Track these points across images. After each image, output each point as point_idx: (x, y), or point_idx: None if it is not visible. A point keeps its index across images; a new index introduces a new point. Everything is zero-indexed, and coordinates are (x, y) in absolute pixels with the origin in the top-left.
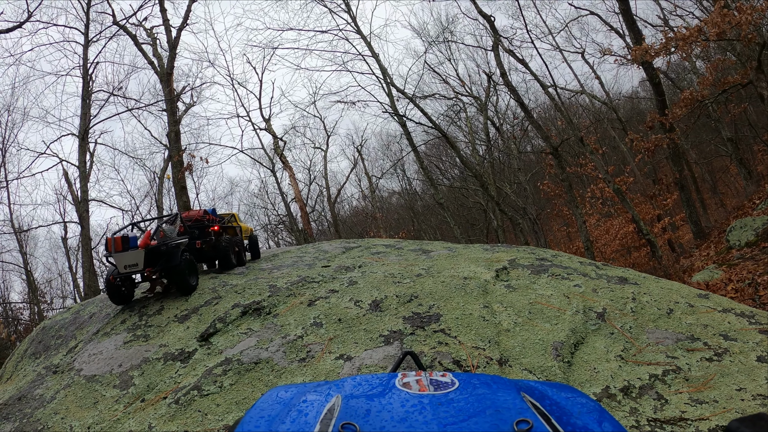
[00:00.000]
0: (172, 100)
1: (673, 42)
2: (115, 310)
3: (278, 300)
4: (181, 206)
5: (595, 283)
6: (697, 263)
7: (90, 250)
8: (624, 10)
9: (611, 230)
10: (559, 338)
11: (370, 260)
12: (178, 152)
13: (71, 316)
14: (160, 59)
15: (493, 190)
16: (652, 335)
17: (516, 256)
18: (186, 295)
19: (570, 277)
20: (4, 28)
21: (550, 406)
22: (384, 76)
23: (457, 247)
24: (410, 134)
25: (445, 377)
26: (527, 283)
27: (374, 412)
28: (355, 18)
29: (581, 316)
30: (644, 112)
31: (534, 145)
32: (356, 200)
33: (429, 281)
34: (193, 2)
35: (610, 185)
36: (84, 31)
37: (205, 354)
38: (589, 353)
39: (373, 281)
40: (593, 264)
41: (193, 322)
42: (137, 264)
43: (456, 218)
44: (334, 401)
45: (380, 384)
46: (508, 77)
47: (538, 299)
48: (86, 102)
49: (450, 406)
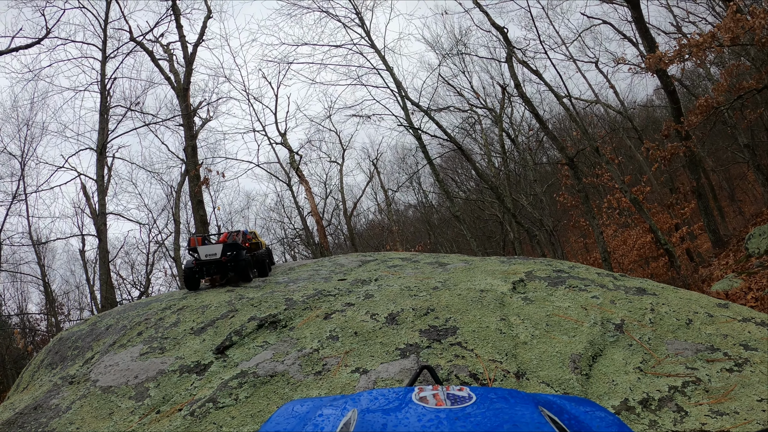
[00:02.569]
0: (188, 115)
1: (687, 48)
2: (131, 323)
3: (294, 313)
4: (198, 220)
5: (613, 294)
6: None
7: (107, 263)
8: (636, 18)
9: (629, 241)
10: (576, 350)
11: (386, 273)
12: (194, 167)
13: (88, 328)
14: (177, 75)
15: (509, 202)
16: (671, 346)
17: (533, 268)
18: (246, 283)
19: (587, 289)
20: (23, 45)
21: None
22: (399, 90)
23: (473, 260)
24: (425, 147)
25: (462, 391)
26: (544, 295)
27: (390, 427)
28: (369, 32)
29: (599, 328)
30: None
31: (549, 156)
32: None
33: (445, 294)
34: (208, 19)
35: (627, 195)
36: (101, 47)
37: (220, 366)
38: (607, 365)
39: (390, 294)
40: (611, 275)
41: (209, 335)
42: (216, 253)
43: (472, 231)
44: (350, 415)
45: (396, 398)
46: (523, 88)
47: (556, 311)
48: (104, 117)
49: (467, 420)
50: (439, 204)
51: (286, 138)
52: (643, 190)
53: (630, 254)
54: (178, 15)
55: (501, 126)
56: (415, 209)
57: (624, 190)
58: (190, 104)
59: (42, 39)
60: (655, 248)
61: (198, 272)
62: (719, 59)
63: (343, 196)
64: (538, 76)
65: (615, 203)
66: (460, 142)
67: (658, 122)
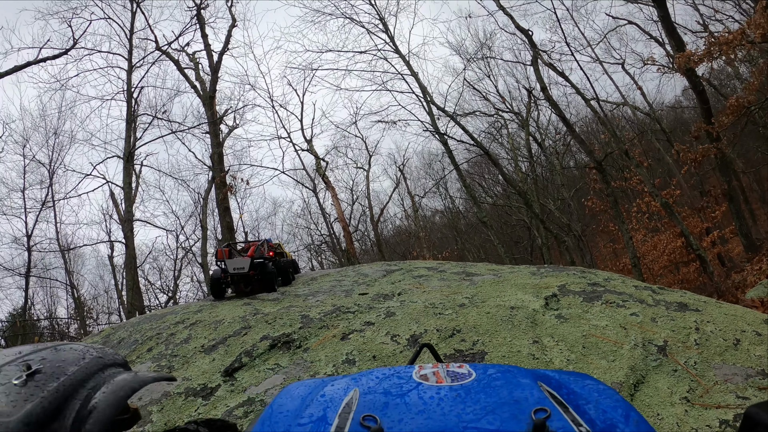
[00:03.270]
0: (214, 123)
1: (717, 47)
2: (143, 337)
3: (310, 332)
4: (225, 227)
5: (654, 310)
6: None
7: (135, 269)
8: (663, 17)
9: (659, 246)
10: (617, 378)
11: (410, 287)
12: (221, 174)
13: (101, 341)
14: (203, 83)
15: (537, 208)
16: (719, 371)
17: (566, 281)
18: (270, 293)
19: (626, 305)
20: (51, 55)
21: (568, 395)
22: (424, 95)
23: (502, 270)
24: (452, 152)
25: (462, 368)
26: (579, 312)
27: (392, 405)
28: (393, 38)
29: (640, 351)
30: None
31: (577, 159)
32: (399, 220)
33: (473, 312)
34: (233, 28)
35: (657, 199)
36: (127, 56)
37: (228, 391)
38: (651, 395)
39: (413, 312)
40: (649, 288)
41: (219, 354)
42: (244, 267)
43: (499, 236)
44: (351, 395)
45: (397, 377)
46: (549, 92)
47: (592, 331)
48: (130, 125)
49: (467, 396)
50: (466, 209)
51: (312, 144)
52: (673, 194)
53: (660, 259)
54: (202, 24)
55: (528, 130)
56: (442, 215)
57: (654, 194)
58: (216, 112)
59: (69, 49)
60: (685, 253)
61: (225, 283)
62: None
63: (370, 202)
64: (565, 78)
65: (644, 207)
66: (487, 146)
67: (687, 124)
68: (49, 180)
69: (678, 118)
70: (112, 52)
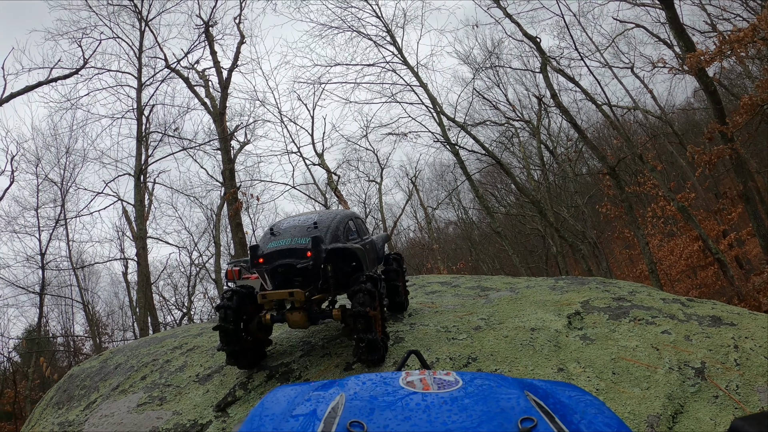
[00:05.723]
0: (225, 139)
1: (728, 45)
2: (138, 363)
3: (310, 361)
4: (237, 243)
5: (686, 327)
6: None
7: (147, 286)
8: (671, 18)
9: (675, 250)
10: (653, 409)
11: (421, 306)
12: (231, 190)
13: (98, 365)
14: (213, 100)
15: (551, 216)
16: (763, 395)
17: (588, 296)
18: None
19: (656, 321)
20: (61, 75)
21: (554, 404)
22: (434, 106)
23: (518, 284)
24: (464, 163)
25: (449, 376)
26: (606, 331)
27: (378, 411)
28: (401, 49)
29: (677, 375)
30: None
31: (590, 166)
32: (413, 232)
33: (490, 336)
34: (241, 44)
35: (673, 203)
36: (137, 75)
37: (218, 429)
38: (692, 427)
39: (423, 338)
40: (678, 300)
41: (214, 385)
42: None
43: (514, 246)
44: (338, 400)
45: (383, 383)
46: (559, 98)
47: (622, 353)
48: (141, 143)
49: (454, 404)
50: (479, 220)
51: (324, 159)
52: (687, 197)
53: (678, 264)
54: (211, 41)
55: (539, 138)
56: (456, 226)
57: (670, 198)
58: (226, 128)
59: (80, 69)
60: (702, 257)
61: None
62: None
63: (383, 215)
64: (575, 83)
65: (659, 212)
66: (498, 156)
67: (698, 125)
68: (62, 198)
69: (689, 120)
70: (121, 71)
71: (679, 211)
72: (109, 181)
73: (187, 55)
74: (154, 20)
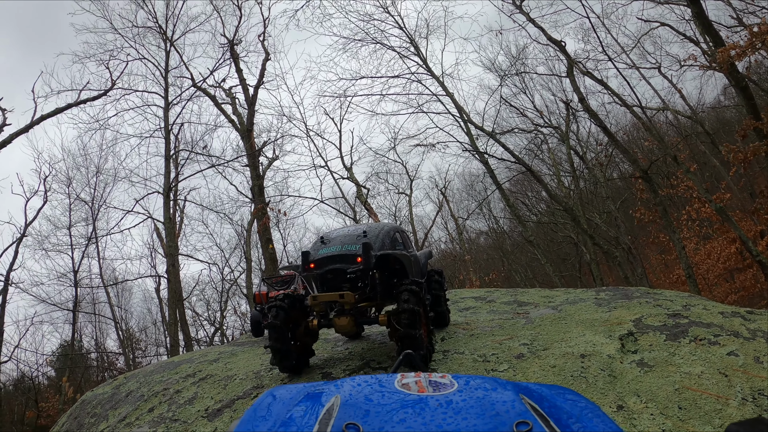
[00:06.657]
0: (253, 155)
1: (760, 37)
2: (149, 392)
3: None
4: (267, 258)
5: (754, 346)
6: None
7: (180, 303)
8: (697, 14)
9: (713, 253)
10: None
11: (455, 327)
12: (258, 206)
13: (111, 392)
14: (240, 116)
15: (584, 223)
16: None
17: (640, 312)
18: None
19: (719, 341)
20: (90, 97)
21: (549, 408)
22: (461, 115)
23: (557, 297)
24: (493, 171)
25: (444, 378)
26: (665, 355)
27: (373, 413)
28: (425, 60)
29: (751, 408)
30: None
31: (621, 170)
32: (444, 243)
33: (535, 366)
34: (266, 61)
35: (710, 204)
36: (164, 94)
37: None
38: None
39: (459, 369)
40: (737, 313)
41: (222, 422)
42: None
43: (546, 255)
44: (333, 401)
45: (379, 385)
46: (587, 102)
47: (686, 382)
48: (169, 161)
49: (449, 407)
50: (510, 229)
51: (353, 172)
52: (723, 197)
53: (715, 267)
54: (236, 59)
55: (568, 143)
56: (487, 236)
57: (707, 199)
58: (254, 144)
59: (108, 90)
60: (740, 259)
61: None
62: None
63: (414, 227)
64: (604, 85)
65: (694, 214)
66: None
67: (730, 123)
68: (93, 217)
69: (719, 119)
70: (148, 91)
71: (717, 213)
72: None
73: (213, 73)
74: (178, 40)
